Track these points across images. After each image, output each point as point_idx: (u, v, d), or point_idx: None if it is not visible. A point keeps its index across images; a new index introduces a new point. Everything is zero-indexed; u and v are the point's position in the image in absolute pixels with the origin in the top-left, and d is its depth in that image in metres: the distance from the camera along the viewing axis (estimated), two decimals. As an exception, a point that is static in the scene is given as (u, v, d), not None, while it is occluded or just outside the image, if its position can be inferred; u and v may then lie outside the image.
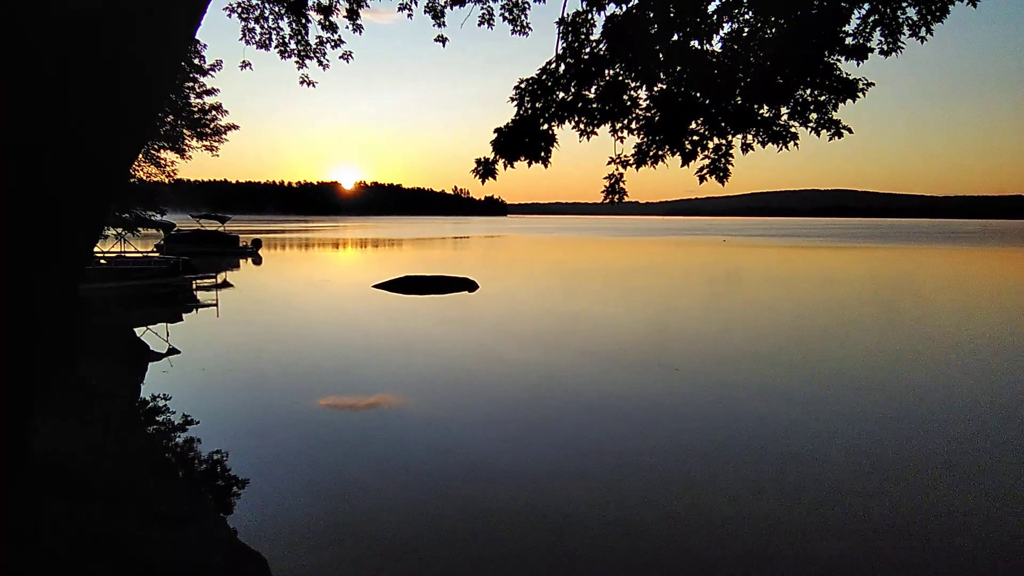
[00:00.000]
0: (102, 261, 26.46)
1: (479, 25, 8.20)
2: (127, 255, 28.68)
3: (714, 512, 7.72)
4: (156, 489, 7.58)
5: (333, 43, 9.04)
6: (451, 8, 8.40)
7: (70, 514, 5.47)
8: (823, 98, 6.31)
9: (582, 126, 6.88)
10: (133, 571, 5.21)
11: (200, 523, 7.01)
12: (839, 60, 6.17)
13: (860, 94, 6.16)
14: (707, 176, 6.68)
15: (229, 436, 10.06)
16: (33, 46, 3.63)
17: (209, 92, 24.95)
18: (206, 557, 6.15)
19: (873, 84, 6.15)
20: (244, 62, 9.67)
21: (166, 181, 25.72)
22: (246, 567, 6.26)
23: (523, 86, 6.88)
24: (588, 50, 6.75)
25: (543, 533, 7.21)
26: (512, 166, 6.94)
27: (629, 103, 6.75)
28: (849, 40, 6.12)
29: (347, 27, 8.95)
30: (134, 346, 16.90)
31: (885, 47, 6.08)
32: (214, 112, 25.41)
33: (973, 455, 9.56)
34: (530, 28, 8.34)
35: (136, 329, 19.07)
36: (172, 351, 16.36)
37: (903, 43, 6.04)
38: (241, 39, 8.91)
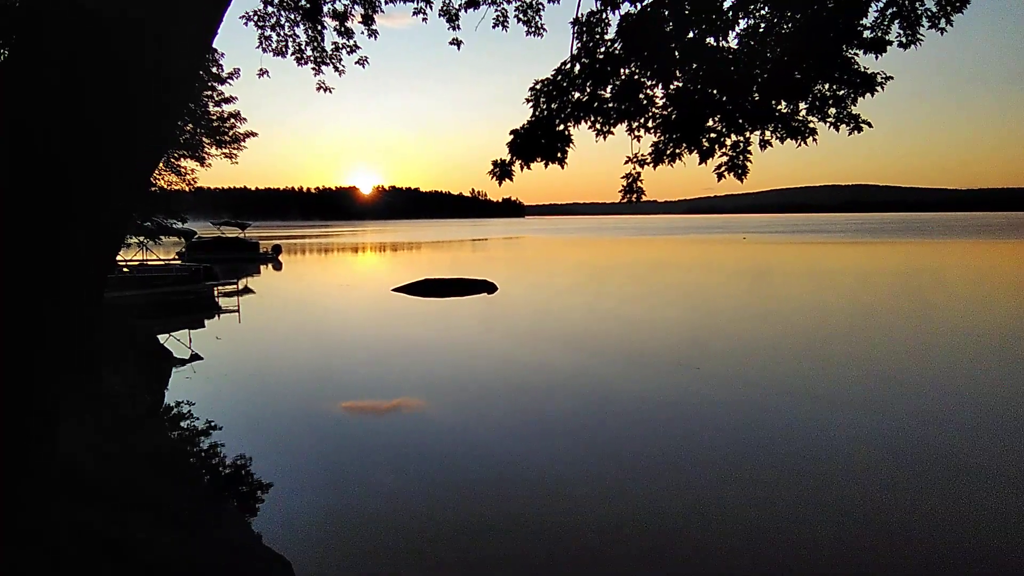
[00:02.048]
0: (124, 269, 26.79)
1: (493, 27, 8.23)
2: (149, 263, 29.01)
3: (738, 512, 7.65)
4: (179, 494, 7.65)
5: (349, 49, 9.08)
6: (465, 11, 8.42)
7: (90, 518, 5.52)
8: (841, 92, 6.24)
9: (598, 126, 6.86)
10: (158, 576, 5.25)
11: (224, 527, 7.07)
12: (857, 54, 6.11)
13: (879, 88, 6.08)
14: (725, 173, 6.62)
15: (252, 441, 10.14)
16: (42, 47, 3.68)
17: (227, 100, 25.19)
18: (231, 561, 6.20)
19: (892, 77, 6.08)
20: (261, 70, 9.74)
21: (187, 189, 25.99)
22: (271, 571, 6.30)
23: (538, 87, 6.87)
24: (603, 49, 6.73)
25: (567, 536, 7.20)
26: (528, 167, 6.94)
27: (645, 102, 6.72)
28: (867, 33, 6.06)
29: (362, 32, 9.02)
30: (157, 353, 17.06)
31: (904, 40, 6.01)
32: (233, 120, 25.64)
33: (1007, 456, 9.42)
34: (544, 29, 8.34)
35: (159, 336, 19.26)
36: (195, 357, 16.53)
37: (922, 35, 5.97)
38: (258, 47, 8.98)
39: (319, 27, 8.82)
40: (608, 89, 6.77)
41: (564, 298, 28.19)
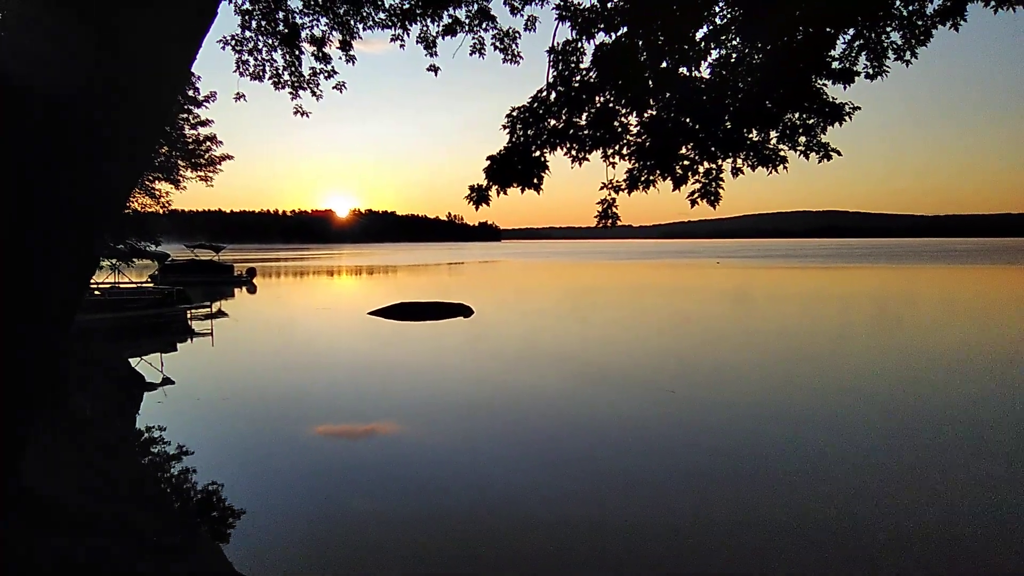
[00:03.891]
0: (96, 292, 26.41)
1: (470, 55, 8.33)
2: (121, 286, 28.64)
3: (711, 531, 7.68)
4: (150, 520, 7.52)
5: (326, 74, 9.12)
6: (443, 38, 8.52)
7: (61, 546, 5.42)
8: (811, 122, 6.40)
9: (574, 152, 6.96)
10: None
11: (195, 554, 6.95)
12: (826, 84, 6.27)
13: (847, 117, 6.25)
14: (699, 200, 6.74)
15: (224, 466, 10.00)
16: (28, 76, 3.69)
17: (203, 123, 25.21)
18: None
19: (859, 108, 6.26)
20: (238, 94, 9.76)
21: (161, 212, 25.83)
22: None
23: (515, 114, 6.97)
24: (578, 78, 6.85)
25: (543, 556, 7.17)
26: (505, 192, 7.00)
27: (620, 129, 6.84)
28: (835, 65, 6.23)
29: (340, 58, 9.07)
30: (128, 377, 16.81)
31: (871, 71, 6.19)
32: (208, 143, 25.65)
33: (977, 473, 9.56)
34: (521, 57, 8.46)
35: (130, 360, 18.98)
36: (167, 381, 16.29)
37: (888, 67, 6.15)
38: (235, 71, 9.00)
39: (297, 52, 8.86)
40: (583, 117, 6.88)
41: (540, 321, 28.24)
